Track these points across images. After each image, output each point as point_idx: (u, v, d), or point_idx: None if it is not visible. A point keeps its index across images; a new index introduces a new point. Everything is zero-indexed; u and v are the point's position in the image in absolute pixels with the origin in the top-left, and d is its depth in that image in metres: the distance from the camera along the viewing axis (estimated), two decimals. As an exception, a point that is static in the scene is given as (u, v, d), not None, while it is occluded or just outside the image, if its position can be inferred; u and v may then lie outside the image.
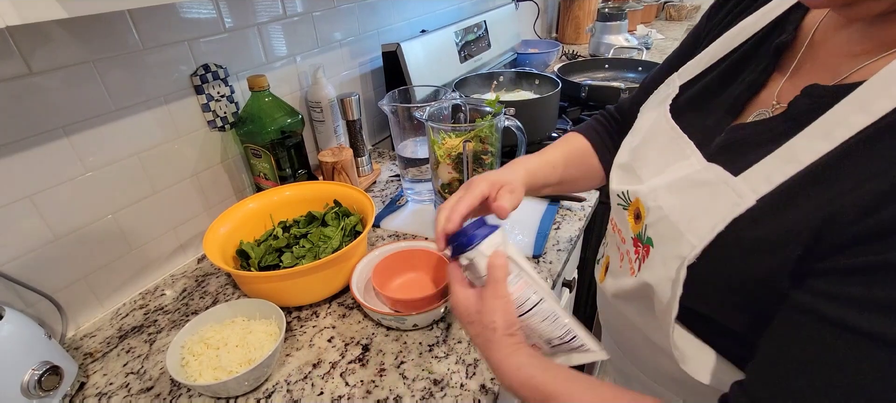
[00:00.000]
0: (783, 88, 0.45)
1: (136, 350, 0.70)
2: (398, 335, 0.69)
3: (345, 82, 1.20)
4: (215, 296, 0.80)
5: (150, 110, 0.78)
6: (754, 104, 0.47)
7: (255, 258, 0.76)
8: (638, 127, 0.59)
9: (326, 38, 1.11)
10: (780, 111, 0.42)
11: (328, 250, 0.76)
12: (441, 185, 0.85)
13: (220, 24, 0.86)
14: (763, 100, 0.47)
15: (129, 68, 0.74)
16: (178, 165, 0.85)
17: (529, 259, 0.83)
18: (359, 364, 0.65)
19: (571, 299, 1.13)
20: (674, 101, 0.55)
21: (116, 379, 0.66)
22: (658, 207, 0.47)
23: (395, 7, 1.32)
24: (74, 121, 0.69)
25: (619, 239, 0.58)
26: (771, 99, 0.46)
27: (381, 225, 0.96)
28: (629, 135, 0.60)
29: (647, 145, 0.54)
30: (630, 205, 0.54)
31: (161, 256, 0.85)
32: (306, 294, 0.73)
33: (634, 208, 0.53)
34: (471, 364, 0.64)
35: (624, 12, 2.00)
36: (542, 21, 2.36)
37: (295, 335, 0.71)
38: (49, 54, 0.64)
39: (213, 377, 0.59)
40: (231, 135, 0.93)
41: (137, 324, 0.76)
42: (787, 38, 0.46)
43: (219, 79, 0.88)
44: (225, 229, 0.77)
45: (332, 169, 0.98)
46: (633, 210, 0.53)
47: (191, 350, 0.62)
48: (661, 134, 0.53)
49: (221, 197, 0.94)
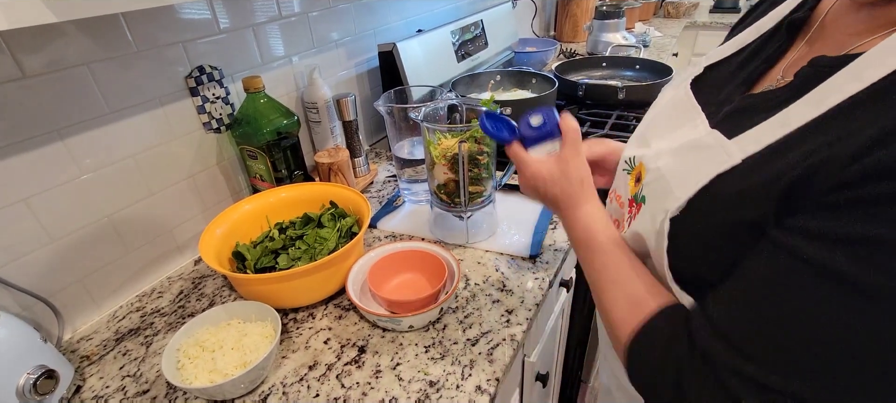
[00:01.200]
0: (793, 62, 0.47)
1: (133, 353, 0.71)
2: (394, 336, 0.69)
3: (341, 82, 1.20)
4: (212, 298, 0.80)
5: (145, 112, 0.78)
6: (767, 78, 0.49)
7: (252, 260, 0.76)
8: (657, 101, 0.61)
9: (322, 38, 1.11)
10: (786, 82, 0.44)
11: (324, 251, 0.76)
12: (437, 186, 0.85)
13: (216, 25, 0.86)
14: (774, 73, 0.49)
15: (124, 70, 0.74)
16: (174, 167, 0.85)
17: (525, 259, 0.83)
18: (355, 366, 0.65)
19: (569, 299, 1.13)
20: (696, 79, 0.57)
21: (113, 383, 0.66)
22: (657, 169, 0.50)
23: (391, 7, 1.32)
24: (69, 124, 0.69)
25: (617, 205, 0.60)
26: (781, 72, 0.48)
27: (378, 225, 0.95)
28: (650, 109, 0.62)
29: (662, 115, 0.57)
30: (633, 170, 0.56)
31: (158, 258, 0.85)
32: (302, 295, 0.73)
33: (637, 171, 0.55)
34: (467, 366, 0.64)
35: (621, 10, 1.99)
36: (540, 19, 2.36)
37: (291, 337, 0.71)
38: (42, 57, 0.64)
39: (208, 380, 0.59)
40: (227, 137, 0.93)
41: (134, 327, 0.76)
42: (801, 15, 0.48)
43: (214, 81, 0.88)
44: (221, 231, 0.77)
45: (328, 170, 0.97)
46: (635, 173, 0.55)
47: (186, 353, 0.62)
48: (678, 104, 0.55)
49: (218, 198, 0.94)
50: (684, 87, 0.55)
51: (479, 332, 0.69)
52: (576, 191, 0.55)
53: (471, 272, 0.81)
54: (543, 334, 0.95)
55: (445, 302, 0.69)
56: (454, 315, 0.72)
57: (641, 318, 0.46)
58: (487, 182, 0.85)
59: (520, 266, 0.81)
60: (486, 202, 0.86)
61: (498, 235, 0.89)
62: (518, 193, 1.00)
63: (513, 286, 0.77)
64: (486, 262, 0.83)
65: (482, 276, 0.80)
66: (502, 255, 0.84)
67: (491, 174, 0.85)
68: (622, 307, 0.48)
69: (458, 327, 0.70)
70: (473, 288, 0.77)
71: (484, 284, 0.78)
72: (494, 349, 0.66)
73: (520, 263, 0.82)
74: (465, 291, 0.77)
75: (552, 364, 1.12)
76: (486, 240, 0.88)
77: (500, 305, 0.73)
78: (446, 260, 0.75)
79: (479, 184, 0.84)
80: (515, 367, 0.84)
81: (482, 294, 0.76)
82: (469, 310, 0.73)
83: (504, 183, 0.93)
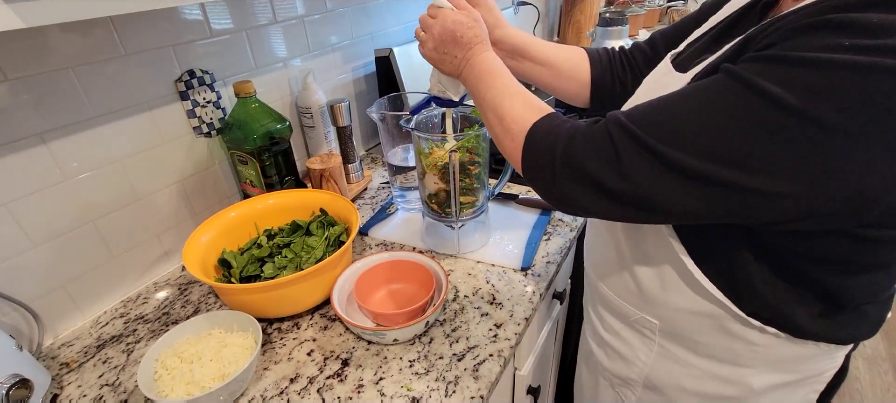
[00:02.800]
0: None
1: (113, 361, 0.69)
2: (379, 349, 0.68)
3: (338, 87, 1.19)
4: (197, 306, 0.79)
5: (132, 116, 0.77)
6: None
7: (237, 267, 0.75)
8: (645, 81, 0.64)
9: (318, 42, 1.09)
10: None
11: (311, 260, 0.75)
12: (428, 195, 0.83)
13: (207, 28, 0.85)
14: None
15: (110, 74, 0.73)
16: (162, 172, 0.84)
17: (517, 271, 0.81)
18: (337, 380, 0.63)
19: (564, 310, 1.11)
20: (677, 54, 0.60)
21: (90, 391, 0.65)
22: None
23: (390, 11, 1.30)
24: (52, 128, 0.68)
25: None
26: None
27: (369, 233, 0.94)
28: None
29: (645, 87, 0.61)
30: None
31: (144, 264, 0.84)
32: (287, 305, 0.72)
33: None
34: (451, 382, 0.62)
35: (625, 17, 1.97)
36: (543, 25, 2.34)
37: (274, 347, 0.69)
38: (24, 59, 0.63)
39: (185, 392, 0.58)
40: (218, 142, 0.92)
41: (117, 333, 0.74)
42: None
43: (205, 85, 0.87)
44: (206, 238, 0.76)
45: (320, 176, 0.96)
46: None
47: (164, 364, 0.61)
48: (659, 76, 0.59)
49: (208, 203, 0.93)
50: (666, 61, 0.59)
51: (465, 347, 0.67)
52: (484, 32, 0.64)
53: (461, 283, 0.79)
54: (536, 346, 0.93)
55: (432, 314, 0.67)
56: (441, 328, 0.70)
57: (541, 114, 0.53)
58: (480, 192, 0.83)
59: (511, 278, 0.80)
60: (479, 212, 0.84)
61: (490, 246, 0.87)
62: (512, 204, 0.98)
63: (503, 298, 0.75)
64: (477, 273, 0.81)
65: (472, 288, 0.78)
66: (494, 266, 0.83)
67: (483, 184, 0.83)
68: (520, 106, 0.55)
69: (445, 341, 0.68)
70: (462, 301, 0.75)
71: (473, 297, 0.76)
72: (480, 365, 0.64)
73: (511, 275, 0.80)
74: (454, 303, 0.75)
75: (545, 378, 1.10)
76: (477, 251, 0.86)
77: (489, 318, 0.72)
78: (435, 272, 0.73)
79: (471, 194, 0.82)
80: (505, 381, 0.82)
81: (471, 306, 0.74)
82: (457, 324, 0.71)
83: (497, 192, 0.92)
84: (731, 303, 0.53)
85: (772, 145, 0.37)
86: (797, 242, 0.47)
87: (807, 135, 0.36)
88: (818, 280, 0.49)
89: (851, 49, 0.34)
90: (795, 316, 0.51)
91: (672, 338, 0.61)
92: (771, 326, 0.52)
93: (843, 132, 0.35)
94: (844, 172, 0.37)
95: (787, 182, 0.38)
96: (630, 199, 0.45)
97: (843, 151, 0.36)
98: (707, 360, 0.59)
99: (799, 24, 0.37)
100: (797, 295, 0.50)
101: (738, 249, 0.50)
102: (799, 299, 0.50)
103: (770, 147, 0.38)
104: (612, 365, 0.71)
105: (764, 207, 0.41)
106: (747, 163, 0.39)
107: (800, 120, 0.36)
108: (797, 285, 0.49)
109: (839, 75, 0.35)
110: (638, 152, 0.43)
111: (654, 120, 0.43)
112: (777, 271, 0.49)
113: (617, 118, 0.45)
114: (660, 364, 0.64)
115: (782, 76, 0.37)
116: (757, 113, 0.38)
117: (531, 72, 0.77)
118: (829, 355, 0.55)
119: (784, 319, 0.52)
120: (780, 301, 0.50)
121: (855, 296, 0.50)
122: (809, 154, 0.37)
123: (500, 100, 0.57)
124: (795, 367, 0.56)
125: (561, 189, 0.49)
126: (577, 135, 0.48)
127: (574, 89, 0.78)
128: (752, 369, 0.57)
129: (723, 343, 0.56)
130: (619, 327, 0.68)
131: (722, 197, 0.41)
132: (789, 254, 0.48)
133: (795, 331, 0.52)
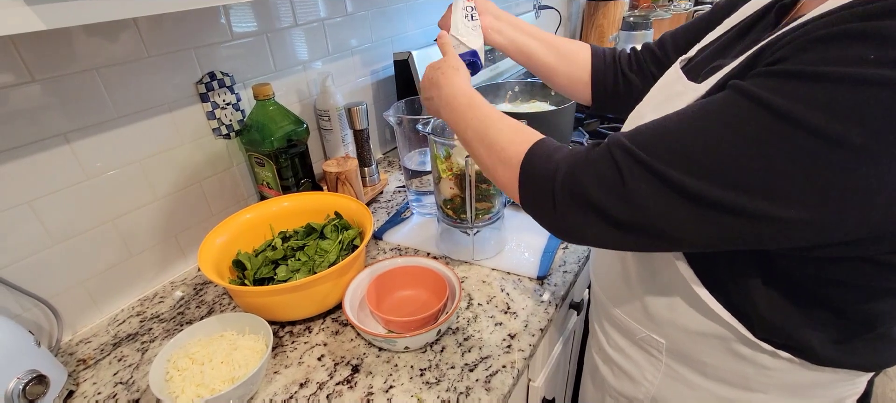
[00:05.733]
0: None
1: (128, 359, 0.70)
2: (390, 356, 0.67)
3: (356, 90, 1.19)
4: (211, 306, 0.79)
5: (153, 117, 0.78)
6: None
7: (251, 269, 0.75)
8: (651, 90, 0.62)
9: (338, 45, 1.10)
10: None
11: (325, 264, 0.75)
12: (443, 201, 0.82)
13: (228, 31, 0.86)
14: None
15: (133, 75, 0.74)
16: (181, 172, 0.85)
17: (532, 280, 0.79)
18: (346, 386, 0.63)
19: (581, 321, 1.09)
20: (688, 61, 0.58)
21: (105, 389, 0.65)
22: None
23: (410, 15, 1.30)
24: (76, 129, 0.69)
25: None
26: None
27: (384, 237, 0.93)
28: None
29: (655, 92, 0.59)
30: None
31: (161, 263, 0.85)
32: (299, 309, 0.72)
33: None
34: (462, 393, 0.61)
35: (649, 21, 1.93)
36: (565, 29, 2.31)
37: (285, 351, 0.69)
38: (52, 62, 0.65)
39: (195, 394, 0.58)
40: (236, 143, 0.93)
41: (133, 332, 0.75)
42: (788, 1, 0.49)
43: (224, 87, 0.87)
44: (221, 240, 0.76)
45: (335, 179, 0.96)
46: None
47: (176, 365, 0.61)
48: (669, 83, 0.57)
49: (225, 204, 0.94)
50: (675, 67, 0.57)
51: (478, 357, 0.66)
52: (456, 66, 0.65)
53: (474, 291, 0.78)
54: (551, 357, 0.91)
55: (444, 322, 0.66)
56: (453, 336, 0.69)
57: (534, 139, 0.51)
58: (496, 198, 0.81)
59: (526, 287, 0.78)
60: (494, 218, 0.83)
61: (505, 253, 0.85)
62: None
63: (517, 308, 0.73)
64: (492, 281, 0.80)
65: (486, 296, 0.76)
66: (509, 275, 0.81)
67: (500, 190, 0.81)
68: (509, 132, 0.53)
69: (457, 350, 0.67)
70: (476, 309, 0.74)
71: (487, 305, 0.74)
72: (493, 376, 0.63)
73: (527, 284, 0.79)
74: (468, 311, 0.74)
75: (561, 390, 1.07)
76: (492, 258, 0.85)
77: (503, 328, 0.70)
78: (448, 279, 0.72)
79: (487, 201, 0.81)
80: (519, 392, 0.80)
81: (485, 315, 0.73)
82: (470, 333, 0.70)
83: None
84: (741, 326, 0.49)
85: (789, 169, 0.34)
86: (814, 267, 0.43)
87: (828, 157, 0.33)
88: (836, 304, 0.45)
89: (876, 62, 0.31)
90: (811, 342, 0.47)
91: (679, 359, 0.58)
92: (784, 351, 0.49)
93: (869, 153, 0.32)
94: (870, 195, 0.34)
95: (807, 208, 0.35)
96: (637, 227, 0.42)
97: (869, 173, 0.33)
98: (716, 383, 0.56)
99: (817, 35, 0.34)
100: (813, 320, 0.47)
101: (749, 272, 0.47)
102: (815, 324, 0.47)
103: (787, 171, 0.34)
104: (619, 384, 0.68)
105: (780, 235, 0.37)
106: (763, 187, 0.36)
107: (820, 141, 0.33)
108: (813, 309, 0.46)
109: (864, 91, 0.31)
110: (644, 177, 0.40)
111: (661, 142, 0.40)
112: (791, 295, 0.46)
113: (620, 141, 0.42)
114: (667, 385, 0.61)
115: (800, 93, 0.34)
116: (771, 133, 0.35)
117: (530, 44, 0.76)
118: (850, 381, 0.51)
119: (799, 344, 0.48)
120: (794, 325, 0.47)
121: (877, 321, 0.46)
122: (832, 177, 0.34)
123: (484, 129, 0.55)
124: (812, 393, 0.52)
125: (563, 218, 0.46)
126: (578, 159, 0.45)
127: (575, 74, 0.77)
128: (764, 395, 0.53)
129: (732, 367, 0.53)
130: (624, 344, 0.65)
131: (736, 224, 0.38)
132: (805, 279, 0.45)
133: (811, 357, 0.49)
